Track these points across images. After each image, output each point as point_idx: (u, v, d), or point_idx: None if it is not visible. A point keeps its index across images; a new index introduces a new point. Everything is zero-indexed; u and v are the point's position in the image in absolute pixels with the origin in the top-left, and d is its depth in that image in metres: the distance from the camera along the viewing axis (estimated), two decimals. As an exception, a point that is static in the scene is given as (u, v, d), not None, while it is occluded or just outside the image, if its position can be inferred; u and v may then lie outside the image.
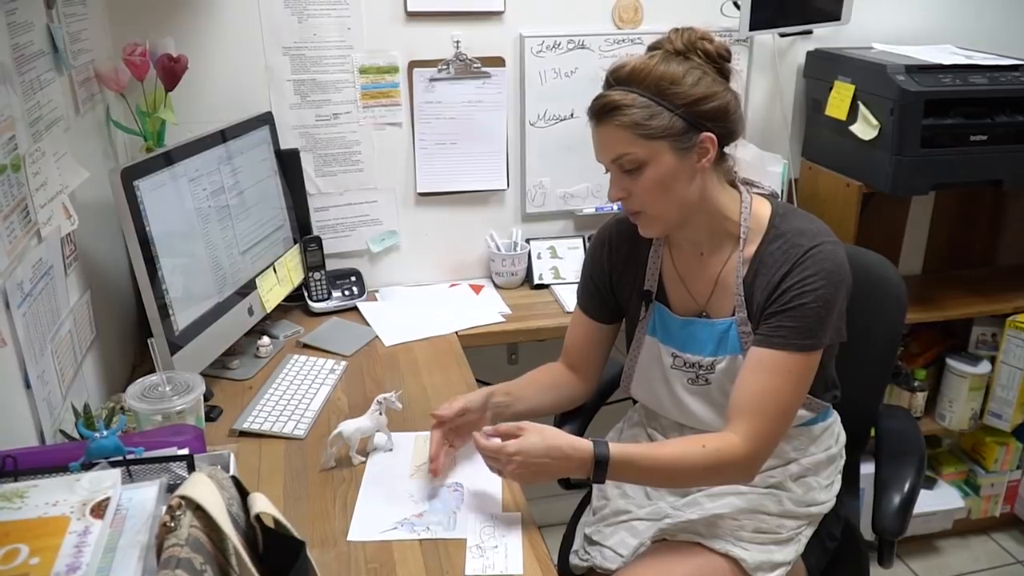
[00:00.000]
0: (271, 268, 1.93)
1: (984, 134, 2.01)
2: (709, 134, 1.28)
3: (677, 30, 1.32)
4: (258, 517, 0.87)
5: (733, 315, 1.37)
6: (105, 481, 0.82)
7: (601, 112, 1.29)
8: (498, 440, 1.30)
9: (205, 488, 0.83)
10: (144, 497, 0.83)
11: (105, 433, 0.91)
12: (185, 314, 1.63)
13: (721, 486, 1.41)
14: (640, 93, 1.26)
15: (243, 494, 0.90)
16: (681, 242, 1.43)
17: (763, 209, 1.37)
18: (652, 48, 1.33)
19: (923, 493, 2.47)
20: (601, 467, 1.27)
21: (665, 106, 1.25)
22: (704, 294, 1.42)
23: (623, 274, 1.50)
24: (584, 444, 1.28)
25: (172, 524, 0.78)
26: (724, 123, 1.30)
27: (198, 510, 0.81)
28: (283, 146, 2.03)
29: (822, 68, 2.22)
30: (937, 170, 2.02)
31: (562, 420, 1.75)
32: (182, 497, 0.81)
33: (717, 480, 1.36)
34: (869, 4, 2.28)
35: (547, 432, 1.29)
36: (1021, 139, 2.04)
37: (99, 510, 0.78)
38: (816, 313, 1.27)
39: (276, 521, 0.87)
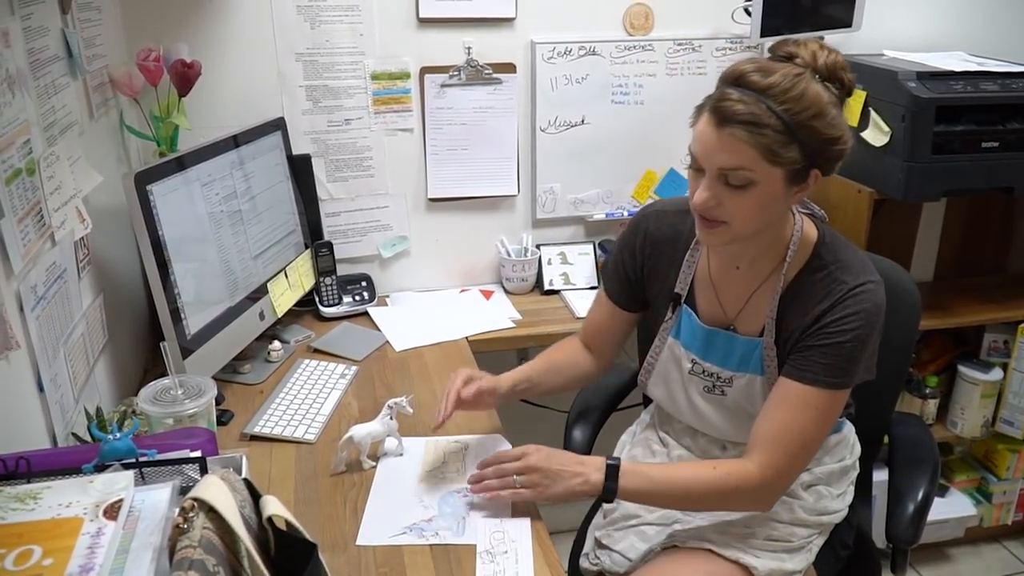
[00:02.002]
0: (282, 273, 1.94)
1: (995, 141, 1.99)
2: (817, 170, 1.22)
3: (821, 46, 1.21)
4: (270, 520, 0.87)
5: (761, 335, 1.35)
6: (118, 483, 0.82)
7: (730, 119, 1.16)
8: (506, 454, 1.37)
9: (218, 490, 0.83)
10: (157, 499, 0.84)
11: (118, 435, 0.91)
12: (197, 318, 1.63)
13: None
14: (780, 115, 1.15)
15: (255, 497, 0.90)
16: (721, 252, 1.39)
17: (810, 233, 1.34)
18: (785, 55, 1.21)
19: (935, 500, 2.46)
20: (612, 472, 1.30)
21: (799, 138, 1.16)
22: (734, 307, 1.39)
23: (654, 269, 1.46)
24: (595, 457, 1.34)
25: (185, 526, 0.78)
26: (836, 165, 1.24)
27: (211, 512, 0.81)
28: (295, 151, 2.04)
29: (833, 74, 2.22)
30: (948, 177, 2.01)
31: (574, 423, 1.75)
32: (195, 499, 0.81)
33: (731, 506, 1.35)
34: (880, 11, 2.28)
35: (552, 449, 1.36)
36: (1031, 146, 2.03)
37: (112, 512, 0.78)
38: (850, 352, 1.26)
39: (288, 524, 0.87)
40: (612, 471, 1.31)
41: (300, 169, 2.04)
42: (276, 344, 1.89)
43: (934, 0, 2.35)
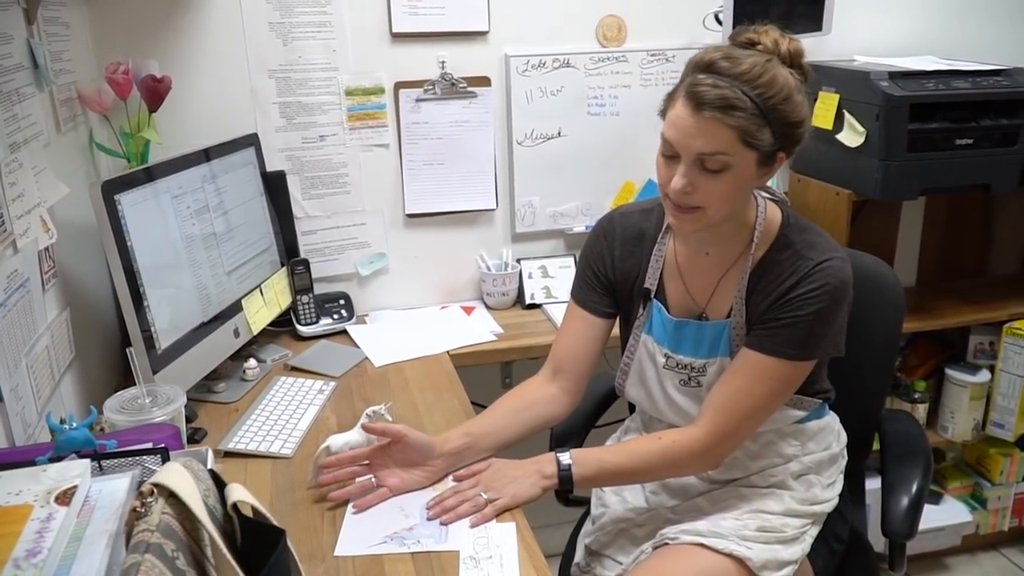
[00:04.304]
0: (257, 290, 1.90)
1: (970, 138, 2.00)
2: (783, 154, 1.24)
3: (782, 34, 1.23)
4: (236, 508, 0.83)
5: (728, 317, 1.35)
6: (72, 471, 0.78)
7: (711, 103, 1.16)
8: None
9: (179, 476, 0.79)
10: (115, 488, 0.79)
11: (75, 425, 0.86)
12: (168, 334, 1.59)
13: (710, 483, 1.42)
14: (754, 99, 1.16)
15: (220, 487, 0.86)
16: (689, 239, 1.38)
17: (774, 215, 1.35)
18: (747, 42, 1.23)
19: (930, 508, 2.44)
20: (563, 465, 1.34)
21: (771, 121, 1.18)
22: (704, 295, 1.38)
23: (624, 269, 1.45)
24: (546, 454, 1.38)
25: (142, 510, 0.74)
26: (796, 148, 1.26)
27: (171, 497, 0.77)
28: (269, 168, 2.01)
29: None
30: (925, 175, 2.01)
31: (556, 444, 1.70)
32: (155, 484, 0.77)
33: (676, 469, 1.37)
34: (851, 18, 2.30)
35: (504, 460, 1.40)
36: (1006, 142, 2.04)
37: (64, 498, 0.74)
38: (811, 326, 1.27)
39: (255, 510, 0.82)
40: (562, 459, 1.35)
41: (274, 186, 2.01)
42: (252, 362, 1.85)
43: (904, 6, 2.38)
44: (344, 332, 2.08)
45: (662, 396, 1.43)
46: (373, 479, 1.36)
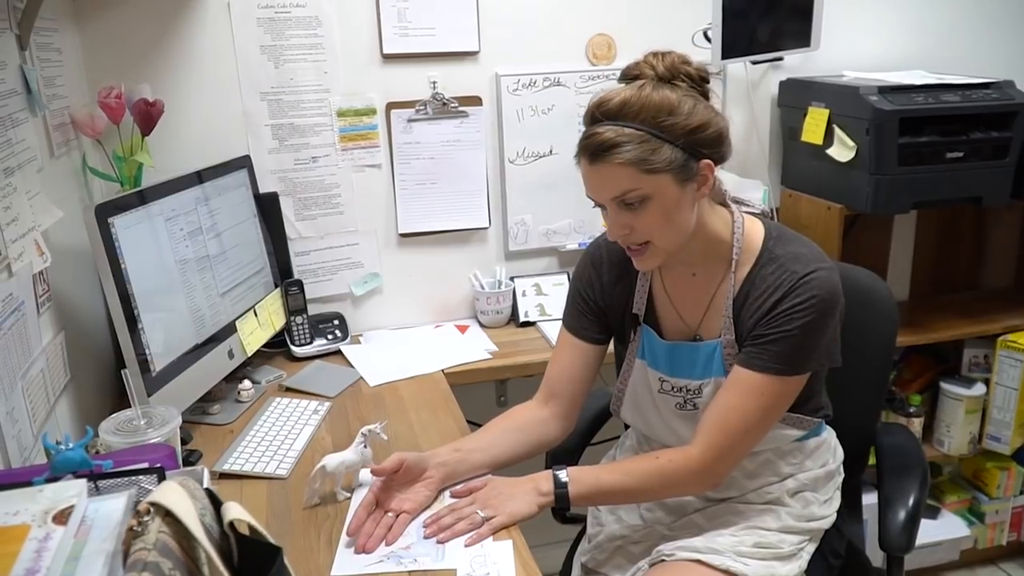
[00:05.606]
0: (251, 311, 1.90)
1: (960, 151, 2.02)
2: (707, 161, 1.24)
3: (655, 55, 1.26)
4: (232, 527, 0.82)
5: (719, 337, 1.34)
6: (69, 490, 0.78)
7: (597, 151, 1.21)
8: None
9: (176, 495, 0.79)
10: (111, 508, 0.79)
11: (71, 445, 0.86)
12: (163, 357, 1.59)
13: (706, 500, 1.41)
14: (636, 127, 1.19)
15: (216, 506, 0.85)
16: (673, 264, 1.37)
17: (756, 230, 1.34)
18: (628, 77, 1.26)
19: (927, 523, 2.44)
20: (560, 482, 1.34)
21: (664, 138, 1.19)
22: (696, 316, 1.38)
23: (614, 294, 1.45)
24: (543, 471, 1.38)
25: (139, 529, 0.73)
26: (720, 148, 1.26)
27: (168, 516, 0.76)
28: (262, 190, 2.02)
29: (795, 96, 2.25)
30: (916, 188, 2.02)
31: (552, 462, 1.70)
32: (151, 503, 0.77)
33: (676, 490, 1.37)
34: (840, 34, 2.32)
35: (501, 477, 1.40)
36: (996, 155, 2.05)
37: (62, 517, 0.74)
38: (800, 340, 1.26)
39: (252, 528, 0.82)
40: (559, 476, 1.35)
41: (267, 207, 2.02)
42: (247, 384, 1.84)
43: (892, 21, 2.40)
44: (339, 352, 2.08)
45: (659, 421, 1.43)
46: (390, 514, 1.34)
